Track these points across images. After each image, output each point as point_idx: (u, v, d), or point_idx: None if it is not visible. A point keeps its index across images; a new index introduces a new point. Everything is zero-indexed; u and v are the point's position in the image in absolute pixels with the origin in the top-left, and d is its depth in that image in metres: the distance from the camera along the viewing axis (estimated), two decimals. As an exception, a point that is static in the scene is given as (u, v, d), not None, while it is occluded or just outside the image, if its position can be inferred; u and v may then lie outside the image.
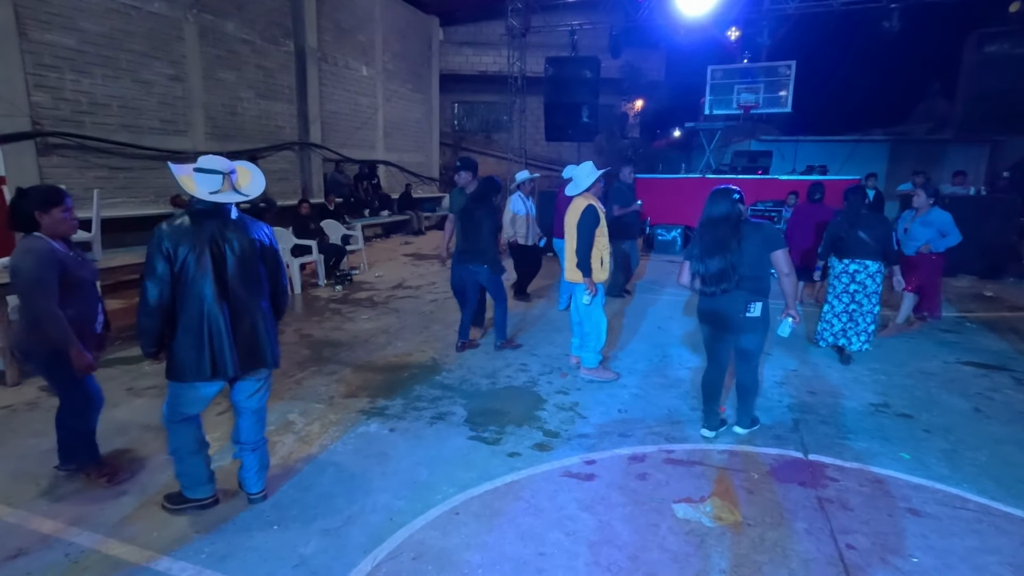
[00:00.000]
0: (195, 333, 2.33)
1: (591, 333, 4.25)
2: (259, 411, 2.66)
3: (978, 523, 2.59)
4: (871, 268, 4.55)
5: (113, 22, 7.37)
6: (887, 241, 4.48)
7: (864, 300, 4.61)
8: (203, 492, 2.60)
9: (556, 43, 14.36)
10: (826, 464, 3.10)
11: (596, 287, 4.12)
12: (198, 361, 2.34)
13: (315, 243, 7.60)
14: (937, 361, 4.81)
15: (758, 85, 11.38)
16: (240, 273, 2.41)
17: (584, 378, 4.30)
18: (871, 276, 4.56)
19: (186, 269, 2.29)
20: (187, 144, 8.56)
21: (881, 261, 4.54)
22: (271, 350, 2.55)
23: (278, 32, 10.23)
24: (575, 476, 2.95)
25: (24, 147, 6.51)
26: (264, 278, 2.53)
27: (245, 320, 2.45)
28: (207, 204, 2.34)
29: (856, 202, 4.60)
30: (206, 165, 2.34)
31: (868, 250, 4.51)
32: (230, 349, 2.38)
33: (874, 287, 4.59)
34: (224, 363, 2.38)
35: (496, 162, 17.32)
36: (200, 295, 2.32)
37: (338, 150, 11.82)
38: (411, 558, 2.31)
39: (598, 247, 4.09)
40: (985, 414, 3.78)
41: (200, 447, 2.57)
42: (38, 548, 2.36)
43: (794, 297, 3.17)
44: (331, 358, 4.76)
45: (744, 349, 3.27)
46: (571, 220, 4.14)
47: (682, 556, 2.34)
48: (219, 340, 2.36)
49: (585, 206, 4.05)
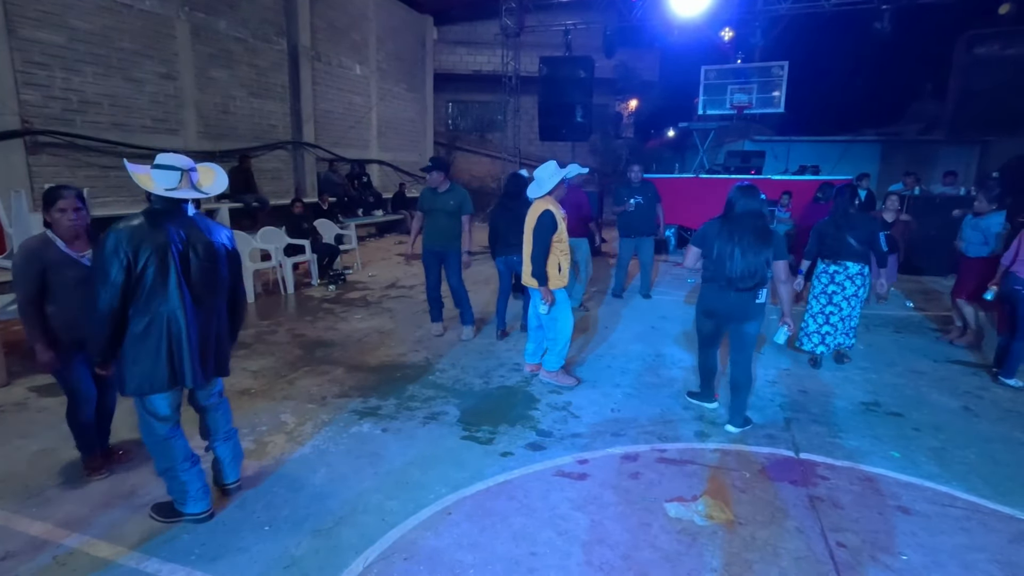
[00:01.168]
0: (153, 341, 2.24)
1: (556, 338, 4.10)
2: (222, 404, 2.66)
3: (967, 521, 2.61)
4: (851, 270, 4.43)
5: (104, 20, 7.31)
6: (874, 242, 4.38)
7: (843, 303, 4.47)
8: (199, 507, 2.51)
9: (550, 43, 14.36)
10: (817, 463, 3.11)
11: (553, 294, 3.97)
12: (154, 371, 2.26)
13: (308, 242, 7.57)
14: (927, 360, 4.85)
15: (751, 85, 11.41)
16: (203, 278, 2.35)
17: (543, 381, 4.20)
18: (850, 278, 4.44)
19: (146, 274, 2.20)
20: (179, 143, 8.49)
21: (864, 263, 4.45)
22: (227, 356, 2.57)
23: (271, 30, 10.17)
24: (568, 476, 2.95)
25: (13, 145, 6.44)
26: (225, 282, 2.48)
27: (209, 326, 2.41)
28: (165, 203, 2.30)
29: (843, 203, 4.46)
30: (164, 161, 2.30)
31: (851, 252, 4.41)
32: (190, 357, 2.31)
33: (853, 289, 4.45)
34: (183, 372, 2.31)
35: (490, 162, 17.31)
36: (161, 300, 2.24)
37: (331, 149, 11.77)
38: (403, 558, 2.31)
39: (555, 253, 3.96)
40: (974, 413, 3.82)
41: (191, 461, 2.49)
42: (26, 550, 2.34)
43: (790, 305, 3.32)
44: (324, 358, 4.75)
45: (746, 334, 3.42)
46: (528, 224, 4.02)
47: (674, 555, 2.34)
48: (179, 348, 2.29)
49: (542, 211, 3.90)
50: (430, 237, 5.13)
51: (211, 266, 2.37)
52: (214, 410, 2.63)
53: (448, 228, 5.05)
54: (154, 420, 2.37)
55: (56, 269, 2.61)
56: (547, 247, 3.90)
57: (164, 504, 2.56)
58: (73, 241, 2.68)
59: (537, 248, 3.90)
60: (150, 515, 2.56)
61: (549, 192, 3.97)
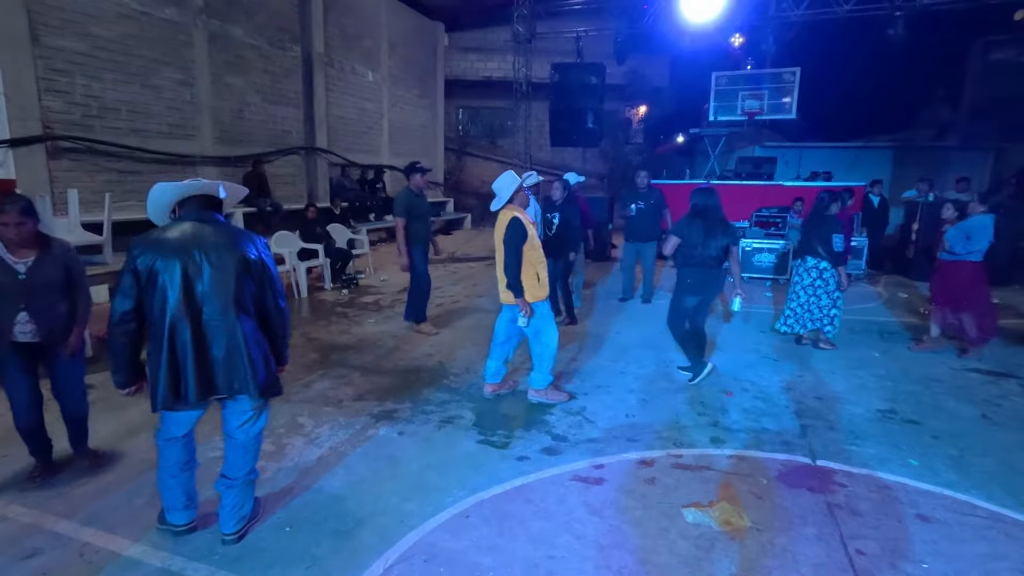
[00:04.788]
0: (158, 355, 2.16)
1: (542, 353, 3.90)
2: (247, 444, 2.42)
3: (988, 530, 2.59)
4: (808, 263, 5.16)
5: (124, 27, 7.45)
6: (826, 240, 4.99)
7: (800, 292, 5.25)
8: (178, 518, 2.44)
9: (561, 49, 14.44)
10: (834, 470, 3.10)
11: (532, 307, 3.75)
12: (158, 386, 2.17)
13: (321, 247, 7.64)
14: (944, 367, 4.81)
15: (762, 91, 11.42)
16: (216, 289, 2.20)
17: (532, 400, 3.98)
18: (807, 270, 5.18)
19: (156, 285, 2.14)
20: (195, 148, 8.63)
21: (819, 259, 5.04)
22: (255, 375, 2.27)
23: (285, 37, 10.31)
24: (584, 480, 2.96)
25: (35, 151, 6.58)
26: (248, 295, 2.30)
27: (220, 339, 2.22)
28: (191, 215, 2.28)
29: (817, 205, 5.18)
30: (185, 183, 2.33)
31: (809, 248, 5.12)
32: (194, 372, 2.18)
33: (809, 280, 5.15)
34: (187, 388, 2.18)
35: (500, 167, 17.37)
36: (167, 312, 2.15)
37: (344, 155, 11.89)
38: (423, 560, 2.33)
39: (531, 262, 3.75)
40: (993, 421, 3.78)
41: (179, 470, 2.39)
42: (54, 547, 2.38)
43: (741, 279, 4.39)
44: (339, 361, 4.79)
45: (709, 302, 4.40)
46: (498, 236, 3.81)
47: (692, 560, 2.35)
48: (184, 362, 2.17)
49: (509, 219, 3.70)
50: (421, 240, 5.45)
51: (228, 277, 2.22)
52: (237, 446, 2.41)
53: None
54: (163, 427, 2.35)
55: None
56: (519, 256, 3.69)
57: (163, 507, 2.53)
58: (17, 250, 2.70)
59: (509, 257, 3.68)
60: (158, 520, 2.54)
61: (509, 201, 3.79)
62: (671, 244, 4.28)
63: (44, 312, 2.77)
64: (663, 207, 6.84)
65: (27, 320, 2.74)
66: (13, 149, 6.32)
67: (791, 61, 11.66)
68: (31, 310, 2.74)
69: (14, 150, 6.33)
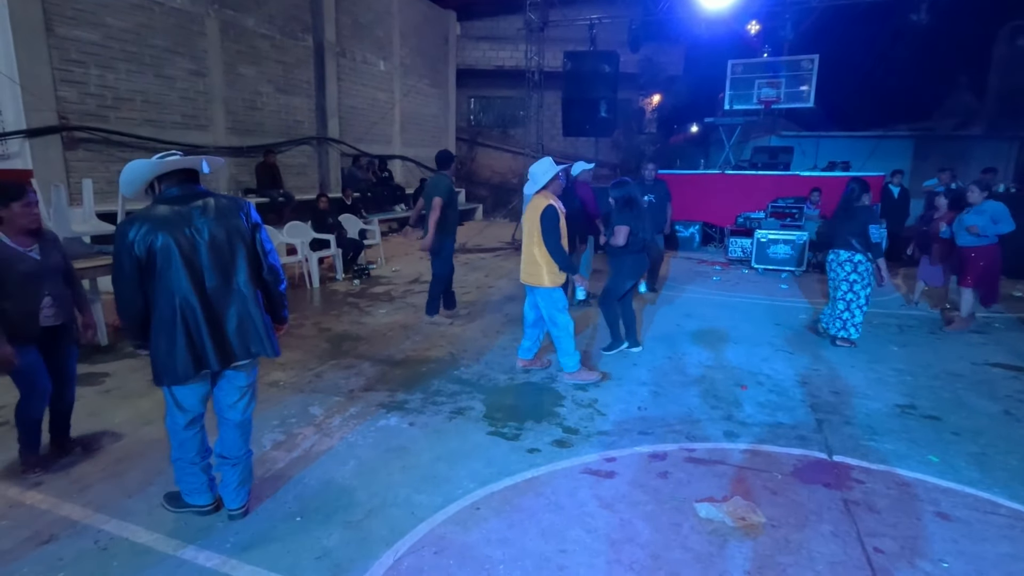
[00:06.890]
0: (168, 330, 2.20)
1: (560, 336, 4.09)
2: (243, 424, 2.49)
3: (1010, 529, 2.53)
4: (841, 256, 4.90)
5: (137, 18, 7.47)
6: (863, 232, 4.73)
7: (834, 287, 4.99)
8: (202, 499, 2.52)
9: (574, 37, 14.22)
10: (851, 465, 3.04)
11: (548, 292, 4.03)
12: (175, 361, 2.21)
13: (333, 237, 7.65)
14: (964, 362, 4.70)
15: (779, 79, 11.16)
16: (214, 258, 2.25)
17: (567, 382, 4.13)
18: (840, 264, 4.91)
19: (153, 261, 2.17)
20: (208, 138, 8.66)
21: (853, 251, 4.81)
22: (269, 336, 2.40)
23: (297, 27, 10.28)
24: (595, 473, 2.93)
25: (50, 141, 6.64)
26: (246, 260, 2.34)
27: (229, 308, 2.30)
28: (173, 191, 2.27)
29: (846, 195, 4.94)
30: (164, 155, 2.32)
31: (842, 240, 4.89)
32: (211, 340, 2.24)
33: (843, 275, 4.88)
34: (207, 355, 2.24)
35: (512, 157, 17.28)
36: (172, 287, 2.18)
37: (355, 144, 11.87)
38: (433, 552, 2.32)
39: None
40: (1015, 417, 3.69)
41: (200, 456, 2.48)
42: (69, 534, 2.41)
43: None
44: (350, 351, 4.80)
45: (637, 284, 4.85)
46: (531, 220, 4.01)
47: (705, 556, 2.31)
48: (198, 332, 2.22)
49: (545, 206, 3.91)
50: (454, 229, 5.39)
51: (223, 245, 2.27)
52: (232, 427, 2.47)
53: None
54: (177, 411, 2.37)
55: (6, 264, 2.65)
56: (559, 237, 3.93)
57: (174, 493, 2.58)
58: (18, 236, 2.71)
59: (551, 240, 3.92)
60: (162, 504, 2.58)
61: (545, 187, 4.03)
62: (623, 234, 4.42)
63: (60, 294, 2.86)
64: (667, 199, 6.88)
65: (51, 304, 2.82)
66: (29, 140, 6.39)
67: (809, 48, 11.39)
68: (52, 294, 2.82)
69: (30, 141, 6.40)
